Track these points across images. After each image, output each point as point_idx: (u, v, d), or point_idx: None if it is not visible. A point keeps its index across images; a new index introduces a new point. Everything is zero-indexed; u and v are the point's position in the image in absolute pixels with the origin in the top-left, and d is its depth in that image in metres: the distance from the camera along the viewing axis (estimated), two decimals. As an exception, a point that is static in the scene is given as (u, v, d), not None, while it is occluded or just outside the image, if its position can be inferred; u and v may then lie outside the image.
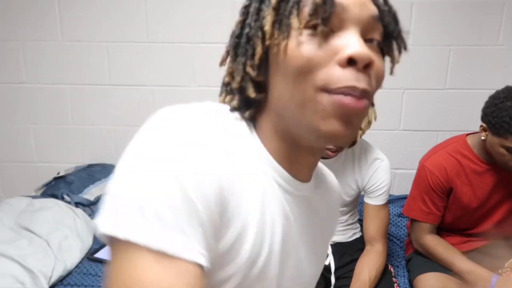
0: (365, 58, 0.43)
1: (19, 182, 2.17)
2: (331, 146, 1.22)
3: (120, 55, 2.01)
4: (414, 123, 2.06)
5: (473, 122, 1.37)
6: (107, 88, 2.03)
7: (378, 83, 0.48)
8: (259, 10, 0.47)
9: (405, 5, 1.91)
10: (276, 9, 0.45)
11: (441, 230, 1.46)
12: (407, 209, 1.45)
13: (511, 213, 1.37)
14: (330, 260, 1.39)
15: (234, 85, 0.51)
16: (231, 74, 0.53)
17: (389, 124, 2.07)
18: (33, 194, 1.94)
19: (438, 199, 1.38)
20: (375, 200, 1.35)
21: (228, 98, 0.54)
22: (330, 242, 1.41)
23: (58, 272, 1.44)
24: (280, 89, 0.47)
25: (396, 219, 1.81)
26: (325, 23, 0.43)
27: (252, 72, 0.48)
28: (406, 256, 1.55)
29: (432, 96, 2.02)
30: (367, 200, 1.37)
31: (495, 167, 1.33)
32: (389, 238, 1.72)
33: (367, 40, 0.46)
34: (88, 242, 1.68)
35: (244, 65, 0.49)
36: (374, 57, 0.45)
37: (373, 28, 0.46)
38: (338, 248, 1.42)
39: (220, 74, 0.64)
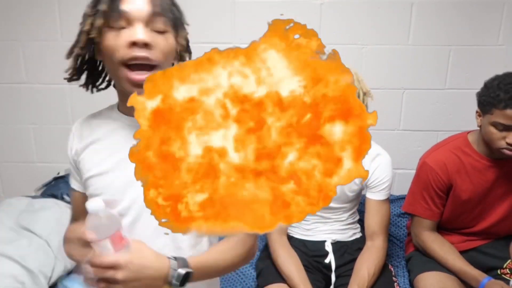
0: (140, 41, 0.71)
1: (19, 182, 2.17)
2: None
3: (120, 55, 2.01)
4: (414, 123, 2.06)
5: (473, 122, 1.38)
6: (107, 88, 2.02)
7: (164, 54, 0.76)
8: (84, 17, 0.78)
9: (405, 5, 1.91)
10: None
11: (441, 229, 1.46)
12: (406, 205, 1.46)
13: (510, 210, 1.37)
14: (331, 259, 1.39)
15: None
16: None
17: (389, 124, 2.07)
18: (33, 194, 1.94)
19: (436, 196, 1.38)
20: (377, 195, 1.36)
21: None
22: (331, 241, 1.42)
23: (58, 272, 1.45)
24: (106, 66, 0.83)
25: (396, 219, 1.81)
26: (116, 23, 0.73)
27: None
28: (406, 256, 1.55)
29: (432, 96, 2.02)
30: (369, 195, 1.38)
31: (496, 164, 1.33)
32: (389, 238, 1.72)
33: (158, 32, 0.75)
34: (88, 242, 1.68)
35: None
36: (155, 38, 0.74)
37: (154, 20, 0.74)
38: (339, 247, 1.43)
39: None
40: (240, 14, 1.94)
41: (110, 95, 0.96)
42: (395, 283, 1.33)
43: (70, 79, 0.88)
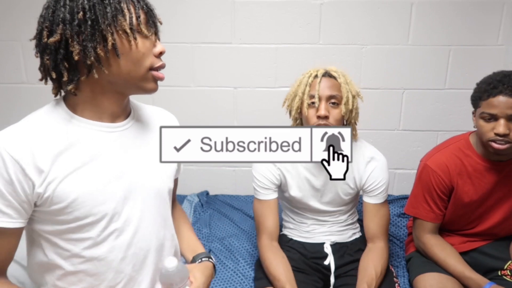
0: (164, 51, 0.83)
1: (19, 182, 2.17)
2: (320, 123, 1.26)
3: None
4: (414, 123, 2.07)
5: (473, 122, 1.38)
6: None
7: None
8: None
9: (405, 5, 1.91)
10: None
11: (441, 230, 1.46)
12: (409, 207, 1.45)
13: (510, 212, 1.37)
14: (330, 260, 1.38)
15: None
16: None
17: (388, 124, 2.07)
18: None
19: (439, 199, 1.37)
20: (374, 199, 1.35)
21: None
22: (330, 243, 1.42)
23: (58, 272, 1.44)
24: (116, 69, 0.79)
25: (396, 219, 1.81)
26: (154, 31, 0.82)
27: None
28: (406, 256, 1.55)
29: (432, 96, 2.02)
30: (366, 199, 1.37)
31: (496, 165, 1.33)
32: (389, 238, 1.72)
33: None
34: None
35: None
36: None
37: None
38: (338, 248, 1.42)
39: (220, 74, 0.64)
40: (240, 14, 1.94)
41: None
42: (396, 284, 1.33)
43: (57, 92, 0.91)
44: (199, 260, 1.01)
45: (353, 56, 1.97)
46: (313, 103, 1.26)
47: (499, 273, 1.33)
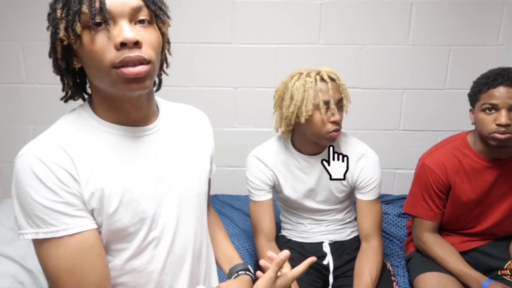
0: (131, 41, 0.64)
1: (19, 182, 2.17)
2: (334, 129, 1.25)
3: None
4: (414, 123, 2.07)
5: (471, 120, 1.38)
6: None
7: (155, 48, 0.69)
8: (54, 20, 0.68)
9: (405, 5, 1.91)
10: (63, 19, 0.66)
11: (441, 230, 1.46)
12: (407, 206, 1.46)
13: (509, 210, 1.37)
14: (329, 260, 1.38)
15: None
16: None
17: (388, 124, 2.07)
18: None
19: (437, 197, 1.38)
20: (366, 195, 1.35)
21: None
22: (329, 241, 1.42)
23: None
24: (90, 72, 0.70)
25: (396, 219, 1.81)
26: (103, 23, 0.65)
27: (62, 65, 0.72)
28: (406, 256, 1.55)
29: (432, 96, 2.02)
30: (358, 196, 1.37)
31: (494, 164, 1.33)
32: (389, 238, 1.72)
33: (140, 21, 0.67)
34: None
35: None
36: (143, 33, 0.67)
37: (137, 14, 0.67)
38: (336, 247, 1.42)
39: (220, 74, 0.64)
40: (240, 14, 1.94)
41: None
42: (394, 283, 1.33)
43: (66, 99, 0.80)
44: (236, 274, 0.95)
45: (353, 56, 1.98)
46: (327, 109, 1.23)
47: (499, 273, 1.34)
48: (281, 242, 1.46)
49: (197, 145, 0.91)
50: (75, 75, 0.77)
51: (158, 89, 0.87)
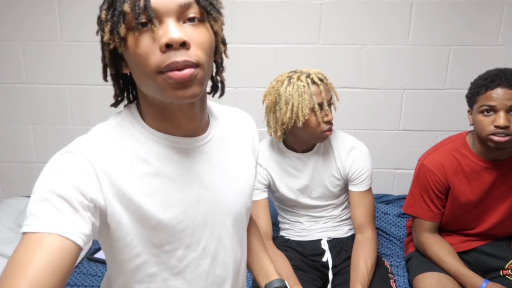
0: (177, 41, 0.57)
1: (19, 182, 2.17)
2: (327, 128, 1.29)
3: (120, 55, 2.01)
4: (414, 123, 2.07)
5: (469, 121, 1.38)
6: (107, 88, 2.02)
7: (205, 49, 0.61)
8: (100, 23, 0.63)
9: (405, 5, 1.91)
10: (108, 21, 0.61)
11: (440, 230, 1.46)
12: (407, 206, 1.46)
13: (509, 211, 1.37)
14: (328, 257, 1.39)
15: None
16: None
17: (388, 124, 2.07)
18: (33, 194, 1.94)
19: (436, 198, 1.38)
20: (358, 186, 1.37)
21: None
22: (327, 239, 1.43)
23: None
24: (136, 77, 0.64)
25: (396, 219, 1.81)
26: (148, 22, 0.58)
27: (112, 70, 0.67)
28: (406, 256, 1.55)
29: (432, 96, 2.02)
30: (351, 187, 1.39)
31: (493, 165, 1.33)
32: (388, 238, 1.73)
33: (189, 19, 0.60)
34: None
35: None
36: (191, 32, 0.60)
37: (186, 11, 0.60)
38: (335, 244, 1.43)
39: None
40: (240, 14, 1.94)
41: (111, 95, 0.90)
42: (391, 280, 1.33)
43: (116, 104, 0.74)
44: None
45: (353, 56, 1.98)
46: (321, 110, 1.27)
47: (501, 273, 1.33)
48: (280, 242, 1.47)
49: (247, 154, 0.85)
50: (126, 82, 0.73)
51: (219, 95, 0.78)
